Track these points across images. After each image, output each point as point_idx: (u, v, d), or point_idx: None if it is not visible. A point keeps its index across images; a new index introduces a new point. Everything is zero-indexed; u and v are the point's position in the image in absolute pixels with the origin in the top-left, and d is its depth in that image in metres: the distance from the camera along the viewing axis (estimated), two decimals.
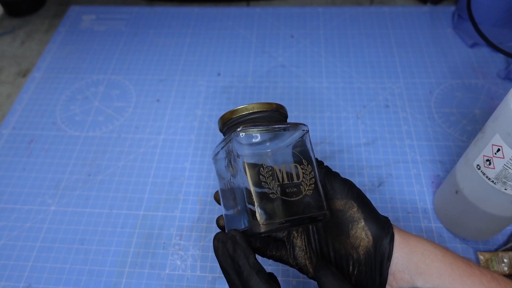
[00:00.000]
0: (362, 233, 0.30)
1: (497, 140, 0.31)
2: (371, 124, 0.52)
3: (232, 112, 0.31)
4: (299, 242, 0.33)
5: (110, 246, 0.44)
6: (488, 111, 0.53)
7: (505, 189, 0.32)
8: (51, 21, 0.72)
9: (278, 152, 0.30)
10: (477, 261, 0.41)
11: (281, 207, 0.28)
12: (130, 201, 0.47)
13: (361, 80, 0.57)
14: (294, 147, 0.30)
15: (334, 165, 0.49)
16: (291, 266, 0.33)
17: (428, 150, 0.49)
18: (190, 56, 0.63)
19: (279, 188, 0.28)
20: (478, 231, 0.40)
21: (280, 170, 0.29)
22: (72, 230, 0.46)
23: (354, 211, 0.30)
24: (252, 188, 0.28)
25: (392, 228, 0.30)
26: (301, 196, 0.29)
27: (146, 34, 0.67)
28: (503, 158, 0.31)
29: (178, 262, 0.43)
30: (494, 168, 0.32)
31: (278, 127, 0.30)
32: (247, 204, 0.28)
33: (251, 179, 0.28)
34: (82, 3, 0.74)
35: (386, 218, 0.31)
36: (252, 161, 0.29)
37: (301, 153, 0.31)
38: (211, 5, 0.70)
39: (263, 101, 0.56)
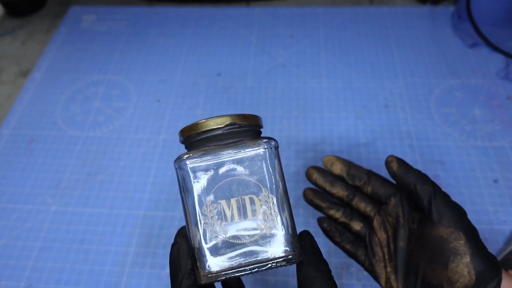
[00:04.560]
0: (464, 269, 0.26)
1: None
2: (371, 124, 0.52)
3: (186, 129, 0.26)
4: (380, 251, 0.31)
5: (110, 246, 0.44)
6: (488, 111, 0.53)
7: None
8: (51, 21, 0.72)
9: (231, 180, 0.25)
10: None
11: (227, 253, 0.24)
12: (131, 201, 0.48)
13: (361, 80, 0.57)
14: (252, 171, 0.25)
15: None
16: (364, 268, 0.33)
17: (427, 150, 0.49)
18: (190, 56, 0.63)
19: (226, 228, 0.24)
20: None
21: (229, 205, 0.24)
22: (73, 230, 0.46)
23: (460, 244, 0.27)
24: (192, 230, 0.24)
25: (501, 272, 0.27)
26: (257, 236, 0.24)
27: (146, 34, 0.67)
28: None
29: None
30: None
31: (222, 154, 0.25)
32: (191, 245, 0.25)
33: (191, 219, 0.24)
34: (82, 3, 0.74)
35: (495, 258, 0.28)
36: (198, 194, 0.24)
37: (260, 180, 0.25)
38: (211, 5, 0.70)
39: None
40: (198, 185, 0.25)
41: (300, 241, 0.26)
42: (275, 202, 0.25)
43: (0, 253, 0.44)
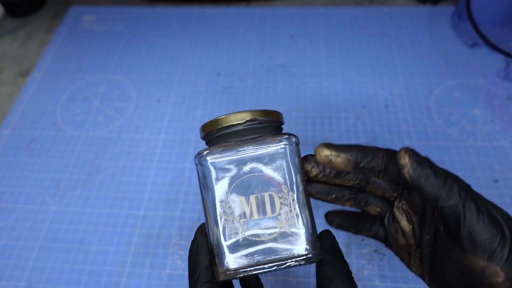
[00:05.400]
0: None
1: None
2: (371, 124, 0.52)
3: (207, 125, 0.26)
4: (403, 240, 0.28)
5: (110, 246, 0.44)
6: (488, 111, 0.53)
7: None
8: (51, 21, 0.72)
9: (250, 177, 0.25)
10: None
11: (246, 250, 0.24)
12: (130, 201, 0.48)
13: (361, 80, 0.57)
14: (272, 168, 0.25)
15: None
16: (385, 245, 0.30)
17: (427, 150, 0.49)
18: (190, 56, 0.63)
19: (245, 226, 0.24)
20: None
21: (248, 202, 0.24)
22: (73, 230, 0.46)
23: (497, 282, 0.22)
24: (211, 227, 0.24)
25: None
26: (276, 234, 0.24)
27: (146, 34, 0.67)
28: None
29: (178, 262, 0.43)
30: None
31: (242, 150, 0.24)
32: (210, 241, 0.25)
33: (211, 216, 0.24)
34: (82, 3, 0.74)
35: None
36: (217, 190, 0.24)
37: (280, 177, 0.25)
38: (211, 5, 0.70)
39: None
40: (218, 181, 0.25)
41: (320, 240, 0.25)
42: (295, 199, 0.25)
43: (0, 253, 0.44)
